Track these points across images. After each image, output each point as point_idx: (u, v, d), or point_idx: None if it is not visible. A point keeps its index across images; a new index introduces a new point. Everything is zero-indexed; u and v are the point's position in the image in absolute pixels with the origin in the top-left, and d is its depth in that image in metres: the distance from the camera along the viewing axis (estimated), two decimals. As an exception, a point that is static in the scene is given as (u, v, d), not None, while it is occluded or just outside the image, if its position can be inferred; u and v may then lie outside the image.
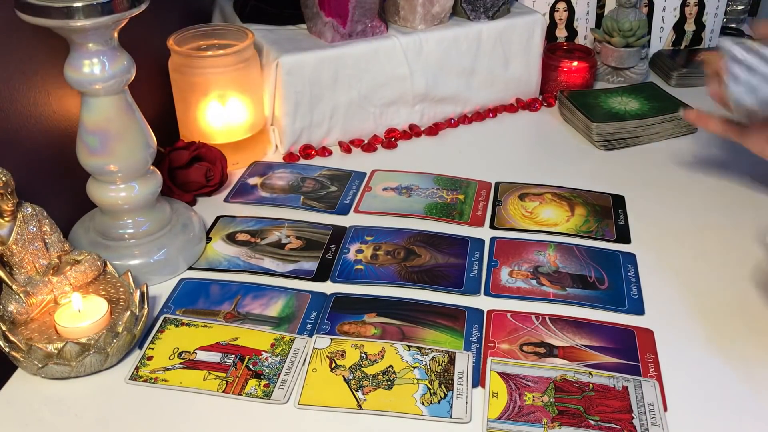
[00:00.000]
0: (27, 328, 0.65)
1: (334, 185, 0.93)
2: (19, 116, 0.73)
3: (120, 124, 0.69)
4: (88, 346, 0.63)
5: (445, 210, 0.88)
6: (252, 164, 0.97)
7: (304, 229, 0.85)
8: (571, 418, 0.61)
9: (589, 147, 1.02)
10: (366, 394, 0.63)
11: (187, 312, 0.72)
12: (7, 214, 0.64)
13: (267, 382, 0.64)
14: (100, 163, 0.70)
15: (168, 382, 0.64)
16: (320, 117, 0.99)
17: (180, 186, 0.87)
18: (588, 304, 0.73)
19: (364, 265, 0.79)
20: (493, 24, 1.05)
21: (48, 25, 0.62)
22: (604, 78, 1.21)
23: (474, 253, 0.81)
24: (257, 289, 0.75)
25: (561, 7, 1.20)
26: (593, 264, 0.79)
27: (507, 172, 0.96)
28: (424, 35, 1.00)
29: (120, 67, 0.67)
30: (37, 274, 0.67)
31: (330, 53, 0.95)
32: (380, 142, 1.03)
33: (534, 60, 1.11)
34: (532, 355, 0.67)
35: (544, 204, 0.89)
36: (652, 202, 0.90)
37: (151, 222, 0.76)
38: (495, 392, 0.63)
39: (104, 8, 0.62)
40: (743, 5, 1.39)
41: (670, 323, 0.71)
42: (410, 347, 0.68)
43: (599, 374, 0.65)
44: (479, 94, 1.09)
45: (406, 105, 1.04)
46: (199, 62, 0.90)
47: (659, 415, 0.61)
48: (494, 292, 0.75)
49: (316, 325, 0.71)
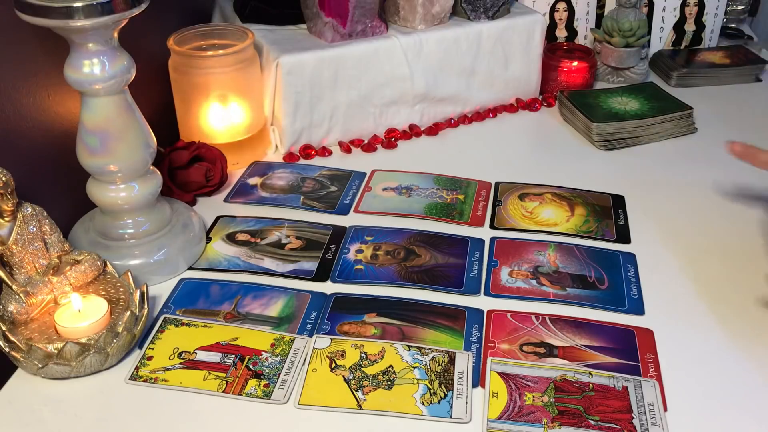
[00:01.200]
0: (27, 328, 0.65)
1: (334, 185, 0.93)
2: (19, 116, 0.73)
3: (120, 124, 0.69)
4: (88, 346, 0.63)
5: (445, 210, 0.88)
6: (252, 164, 0.97)
7: (304, 229, 0.85)
8: (571, 418, 0.61)
9: (589, 147, 1.02)
10: (366, 394, 0.63)
11: (187, 312, 0.72)
12: (7, 214, 0.64)
13: (267, 382, 0.64)
14: (100, 163, 0.70)
15: (168, 382, 0.64)
16: (320, 117, 0.99)
17: (180, 186, 0.87)
18: (588, 304, 0.73)
19: (364, 265, 0.79)
20: (493, 24, 1.05)
21: (48, 25, 0.62)
22: (604, 78, 1.21)
23: (474, 253, 0.81)
24: (257, 289, 0.75)
25: (561, 7, 1.20)
26: (593, 264, 0.79)
27: (507, 172, 0.96)
28: (424, 35, 1.00)
29: (120, 67, 0.67)
30: (37, 274, 0.67)
31: (330, 53, 0.95)
32: (380, 142, 1.03)
33: (534, 60, 1.11)
34: (532, 355, 0.67)
35: (544, 204, 0.89)
36: (652, 202, 0.90)
37: (151, 222, 0.76)
38: (495, 392, 0.63)
39: (104, 8, 0.62)
40: (743, 5, 1.39)
41: (670, 323, 0.71)
42: (410, 347, 0.68)
43: (599, 374, 0.65)
44: (479, 94, 1.09)
45: (406, 105, 1.04)
46: (199, 62, 0.90)
47: (659, 415, 0.61)
48: (494, 292, 0.75)
49: (316, 325, 0.71)
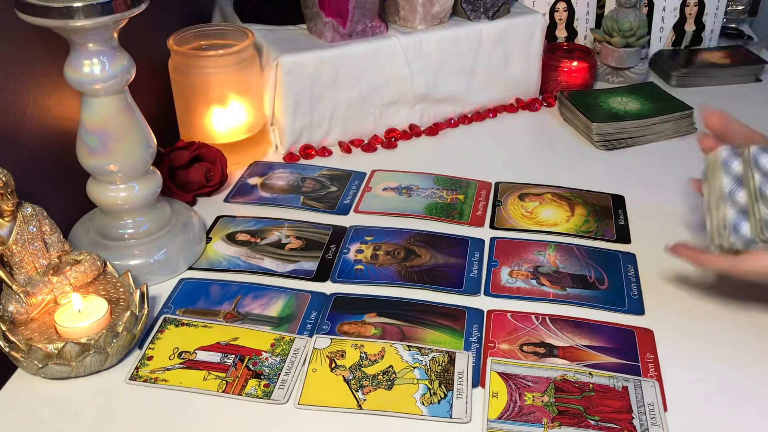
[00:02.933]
0: (27, 328, 0.65)
1: (334, 185, 0.93)
2: (19, 116, 0.73)
3: (120, 124, 0.69)
4: (88, 346, 0.63)
5: (445, 210, 0.88)
6: (252, 164, 0.97)
7: (304, 229, 0.85)
8: (571, 418, 0.61)
9: (589, 147, 1.02)
10: (366, 394, 0.63)
11: (187, 312, 0.72)
12: (7, 214, 0.64)
13: (267, 382, 0.64)
14: (100, 163, 0.70)
15: (168, 382, 0.64)
16: (320, 117, 0.99)
17: (180, 186, 0.87)
18: (588, 304, 0.73)
19: (364, 265, 0.79)
20: (493, 24, 1.05)
21: (48, 25, 0.62)
22: (604, 78, 1.20)
23: (474, 253, 0.81)
24: (257, 289, 0.75)
25: (561, 7, 1.20)
26: (593, 264, 0.79)
27: (507, 172, 0.96)
28: (424, 35, 1.00)
29: (120, 67, 0.67)
30: (37, 274, 0.67)
31: (330, 53, 0.95)
32: (380, 142, 1.03)
33: (534, 60, 1.11)
34: (532, 355, 0.67)
35: (544, 204, 0.89)
36: (652, 202, 0.90)
37: (151, 222, 0.76)
38: (495, 392, 0.63)
39: (104, 8, 0.62)
40: (743, 5, 1.39)
41: (670, 323, 0.71)
42: (410, 347, 0.68)
43: (599, 374, 0.65)
44: (479, 94, 1.09)
45: (406, 105, 1.04)
46: (199, 62, 0.90)
47: (659, 415, 0.61)
48: (494, 292, 0.75)
49: (316, 325, 0.71)
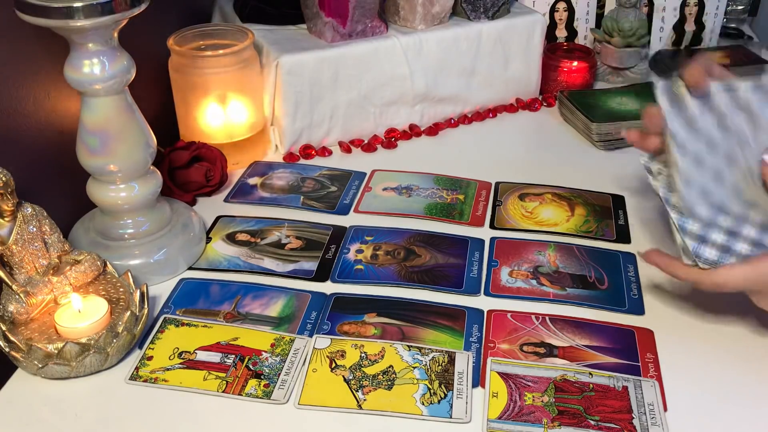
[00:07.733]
0: (27, 328, 0.65)
1: (334, 185, 0.93)
2: (19, 116, 0.73)
3: (120, 124, 0.69)
4: (88, 346, 0.63)
5: (445, 210, 0.88)
6: (252, 164, 0.97)
7: (304, 229, 0.85)
8: (571, 418, 0.61)
9: (589, 147, 1.02)
10: (366, 394, 0.63)
11: (187, 312, 0.72)
12: (7, 214, 0.64)
13: (267, 382, 0.64)
14: (100, 163, 0.70)
15: (168, 382, 0.64)
16: (320, 117, 0.99)
17: (180, 186, 0.87)
18: (588, 304, 0.73)
19: (364, 265, 0.79)
20: (493, 24, 1.05)
21: (48, 25, 0.62)
22: (604, 78, 1.20)
23: (474, 253, 0.81)
24: (257, 289, 0.75)
25: (561, 7, 1.20)
26: (593, 264, 0.79)
27: (507, 172, 0.96)
28: (424, 35, 1.00)
29: (120, 67, 0.67)
30: (37, 274, 0.67)
31: (330, 53, 0.95)
32: (380, 142, 1.03)
33: (534, 60, 1.11)
34: (532, 355, 0.67)
35: (544, 204, 0.89)
36: (652, 202, 0.90)
37: (151, 222, 0.76)
38: (495, 392, 0.63)
39: (104, 8, 0.62)
40: (743, 5, 1.39)
41: (670, 323, 0.71)
42: (410, 347, 0.68)
43: (599, 374, 0.65)
44: (479, 94, 1.09)
45: (406, 105, 1.04)
46: (199, 62, 0.90)
47: (659, 415, 0.61)
48: (494, 292, 0.75)
49: (316, 325, 0.71)
